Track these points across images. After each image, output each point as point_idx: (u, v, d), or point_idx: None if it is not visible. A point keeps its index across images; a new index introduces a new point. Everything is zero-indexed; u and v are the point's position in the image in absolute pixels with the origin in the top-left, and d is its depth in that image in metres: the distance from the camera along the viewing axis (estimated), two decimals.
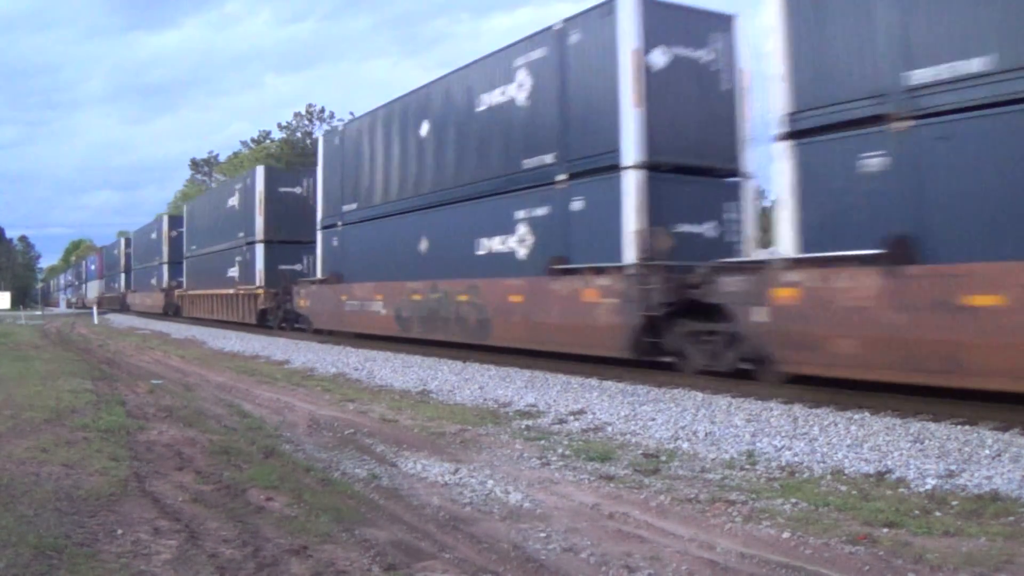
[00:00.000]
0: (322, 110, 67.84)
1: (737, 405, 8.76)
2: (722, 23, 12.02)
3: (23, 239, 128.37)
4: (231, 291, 28.05)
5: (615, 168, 11.32)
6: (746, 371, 9.84)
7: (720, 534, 4.67)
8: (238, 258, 27.67)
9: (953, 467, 5.86)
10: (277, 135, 68.54)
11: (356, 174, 19.21)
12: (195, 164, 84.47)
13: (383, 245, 17.81)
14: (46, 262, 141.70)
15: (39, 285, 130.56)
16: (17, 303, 71.74)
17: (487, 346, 14.22)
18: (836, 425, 7.53)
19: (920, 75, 7.72)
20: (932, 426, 7.25)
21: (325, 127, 61.86)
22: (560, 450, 6.96)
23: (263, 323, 25.60)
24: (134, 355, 18.35)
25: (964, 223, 7.43)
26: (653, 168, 11.18)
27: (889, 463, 6.08)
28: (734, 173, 12.06)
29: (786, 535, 4.58)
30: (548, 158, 12.66)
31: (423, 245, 16.11)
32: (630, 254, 11.06)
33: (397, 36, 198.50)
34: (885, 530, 4.60)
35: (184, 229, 36.95)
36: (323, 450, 7.14)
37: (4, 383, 10.74)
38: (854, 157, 8.27)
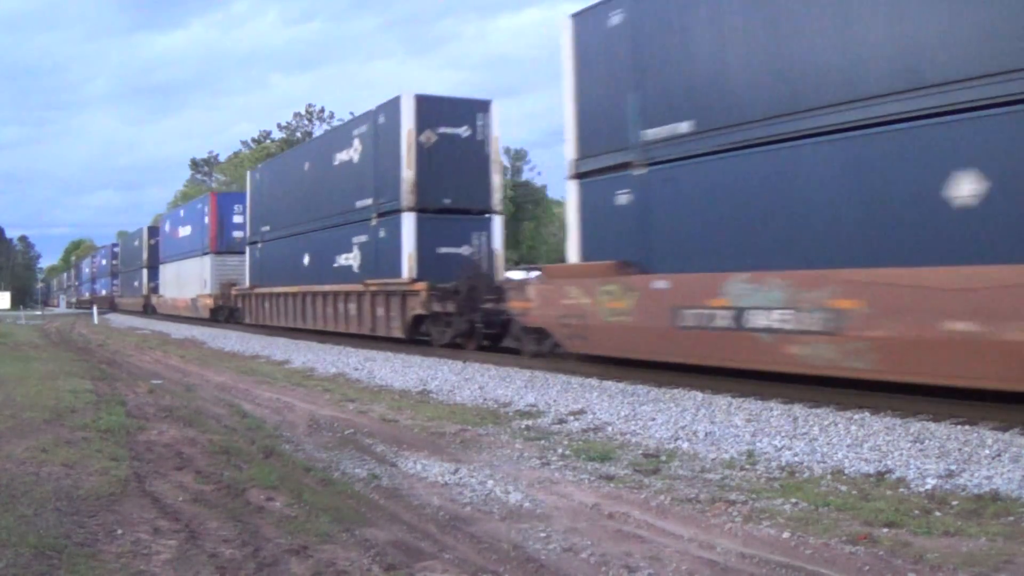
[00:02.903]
0: (322, 110, 67.94)
1: (737, 405, 8.76)
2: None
3: (23, 239, 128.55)
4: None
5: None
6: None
7: (720, 534, 4.67)
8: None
9: (953, 467, 5.86)
10: (278, 135, 68.59)
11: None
12: (195, 164, 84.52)
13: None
14: (46, 262, 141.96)
15: (39, 285, 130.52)
16: (17, 303, 71.67)
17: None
18: (836, 425, 7.53)
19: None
20: (932, 426, 7.25)
21: (325, 127, 61.96)
22: (560, 450, 6.96)
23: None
24: (134, 355, 18.36)
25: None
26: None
27: (889, 463, 6.08)
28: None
29: (786, 535, 4.58)
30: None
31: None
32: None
33: (403, 36, 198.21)
34: (885, 530, 4.60)
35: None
36: (323, 450, 7.15)
37: (4, 383, 10.72)
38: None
